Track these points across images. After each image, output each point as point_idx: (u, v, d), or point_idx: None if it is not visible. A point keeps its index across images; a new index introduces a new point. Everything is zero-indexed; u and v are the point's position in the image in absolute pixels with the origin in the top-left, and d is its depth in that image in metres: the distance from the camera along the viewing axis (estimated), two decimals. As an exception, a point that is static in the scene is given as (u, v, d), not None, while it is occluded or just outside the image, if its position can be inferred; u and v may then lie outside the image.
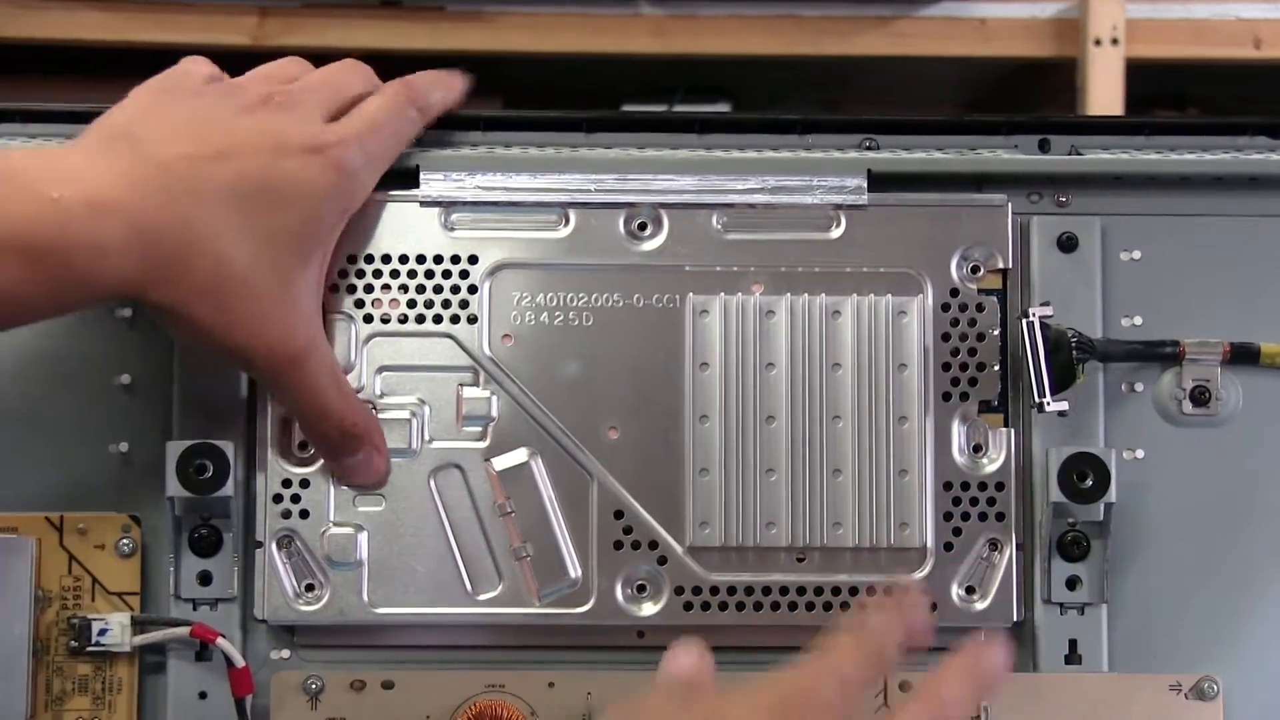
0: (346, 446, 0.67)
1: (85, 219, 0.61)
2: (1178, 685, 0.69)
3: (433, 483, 0.68)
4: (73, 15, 1.46)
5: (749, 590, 0.68)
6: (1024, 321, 0.68)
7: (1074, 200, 0.71)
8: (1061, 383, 0.68)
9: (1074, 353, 0.68)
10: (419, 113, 0.69)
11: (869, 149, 0.71)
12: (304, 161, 0.65)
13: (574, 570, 0.68)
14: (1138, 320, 0.70)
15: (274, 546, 0.68)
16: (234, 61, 0.69)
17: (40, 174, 0.62)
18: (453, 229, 0.69)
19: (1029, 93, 1.63)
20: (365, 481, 0.68)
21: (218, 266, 0.63)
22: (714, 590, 0.68)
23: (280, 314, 0.64)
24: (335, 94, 0.68)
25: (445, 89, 0.71)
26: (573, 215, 0.69)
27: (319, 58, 0.70)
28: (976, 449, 0.69)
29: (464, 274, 0.69)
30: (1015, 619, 0.69)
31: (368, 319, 0.69)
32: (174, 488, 0.67)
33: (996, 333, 0.69)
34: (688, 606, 0.68)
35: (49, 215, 0.61)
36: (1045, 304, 0.69)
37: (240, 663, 0.67)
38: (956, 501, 0.69)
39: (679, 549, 0.68)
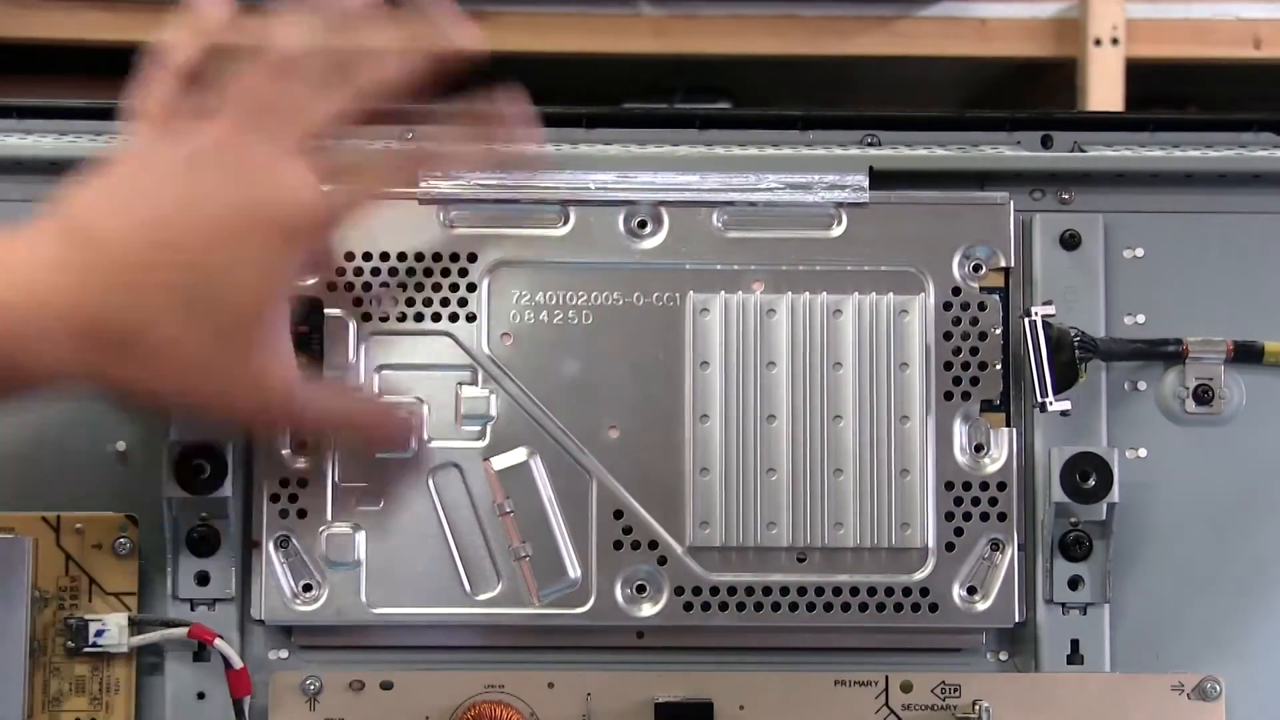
0: (377, 444, 0.67)
1: (21, 317, 0.59)
2: (1180, 685, 0.69)
3: (431, 482, 0.68)
4: (73, 15, 1.46)
5: (749, 590, 0.68)
6: (1026, 320, 0.68)
7: (1077, 197, 0.70)
8: (1064, 382, 0.68)
9: (1076, 351, 0.68)
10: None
11: (870, 146, 0.71)
12: (264, 243, 0.61)
13: (573, 570, 0.68)
14: (1140, 318, 0.70)
15: (272, 546, 0.68)
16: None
17: None
18: (452, 226, 0.69)
19: (1029, 93, 1.63)
20: (401, 449, 0.68)
21: (168, 350, 0.60)
22: (714, 590, 0.68)
23: (246, 378, 0.62)
24: (335, 78, 0.63)
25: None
26: (572, 213, 0.69)
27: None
28: (978, 448, 0.69)
29: (463, 272, 0.68)
30: (1017, 619, 0.68)
31: (366, 318, 0.68)
32: (171, 488, 0.67)
33: (998, 331, 0.69)
34: (688, 607, 0.68)
35: None
36: (1048, 302, 0.69)
37: (238, 663, 0.67)
38: (958, 501, 0.68)
39: (679, 549, 0.68)
